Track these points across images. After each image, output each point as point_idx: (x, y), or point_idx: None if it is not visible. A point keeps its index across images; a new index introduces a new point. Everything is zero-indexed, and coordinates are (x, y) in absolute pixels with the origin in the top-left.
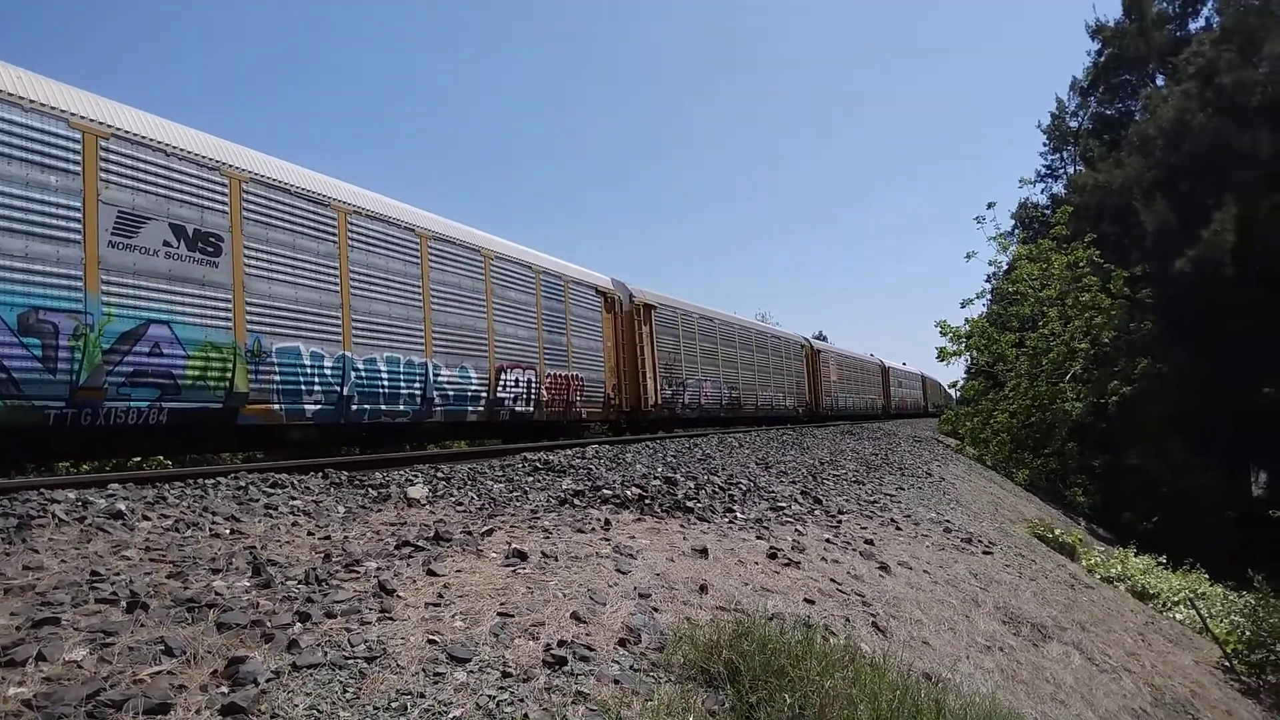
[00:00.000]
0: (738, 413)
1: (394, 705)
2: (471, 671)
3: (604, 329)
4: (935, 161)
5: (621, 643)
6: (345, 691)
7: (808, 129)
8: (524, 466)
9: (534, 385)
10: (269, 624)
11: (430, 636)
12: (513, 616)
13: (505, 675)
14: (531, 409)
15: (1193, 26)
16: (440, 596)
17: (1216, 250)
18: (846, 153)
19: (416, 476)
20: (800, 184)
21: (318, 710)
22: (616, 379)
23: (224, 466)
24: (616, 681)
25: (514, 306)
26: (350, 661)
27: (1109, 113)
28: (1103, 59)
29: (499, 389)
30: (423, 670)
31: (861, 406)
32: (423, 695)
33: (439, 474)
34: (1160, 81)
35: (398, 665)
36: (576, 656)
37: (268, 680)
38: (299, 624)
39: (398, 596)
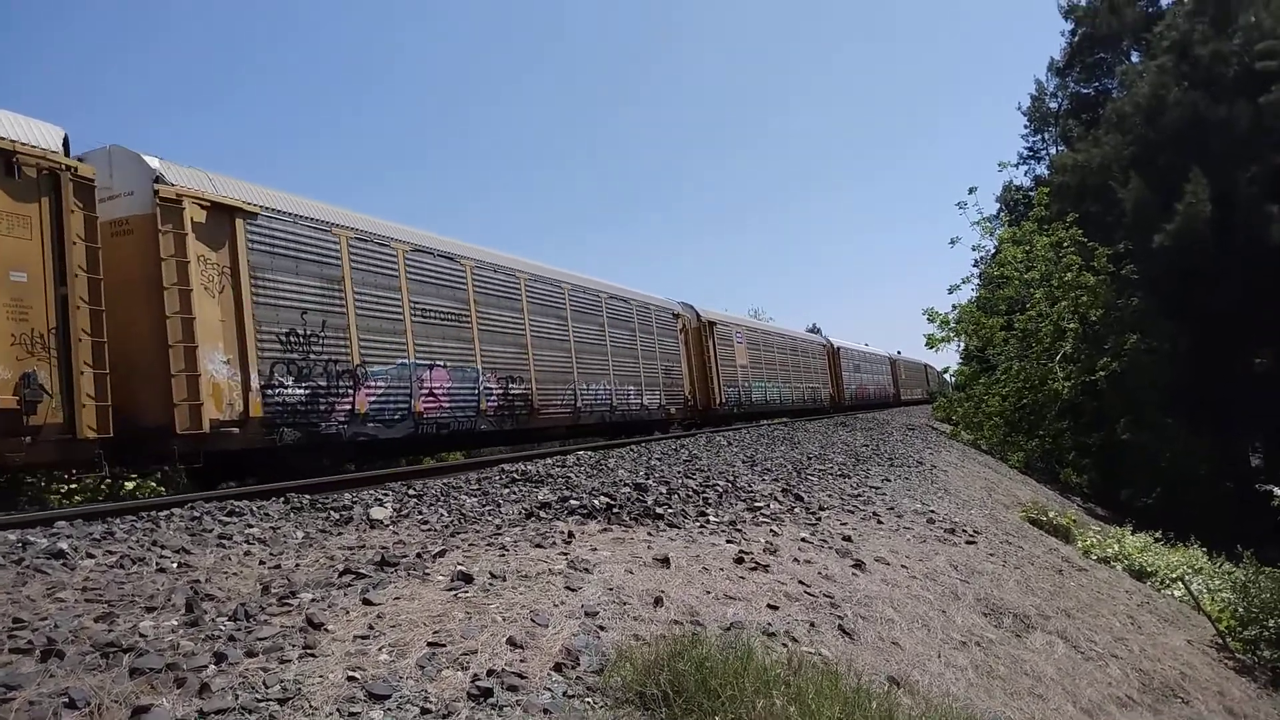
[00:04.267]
0: (529, 422)
1: None
2: (389, 710)
3: None
4: (904, 145)
5: (558, 667)
6: None
7: (751, 114)
8: (501, 478)
9: None
10: (184, 666)
11: (351, 673)
12: (444, 646)
13: (424, 711)
14: None
15: (1163, 1)
16: (371, 628)
17: (1194, 223)
18: (804, 136)
19: (386, 496)
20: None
21: None
22: (68, 362)
23: (180, 497)
24: (546, 710)
25: None
26: (261, 704)
27: (1086, 92)
28: (1076, 38)
29: None
30: (337, 710)
31: (795, 400)
32: None
33: (411, 491)
34: (1135, 58)
35: (310, 706)
36: (505, 686)
37: None
38: (214, 665)
39: (325, 630)
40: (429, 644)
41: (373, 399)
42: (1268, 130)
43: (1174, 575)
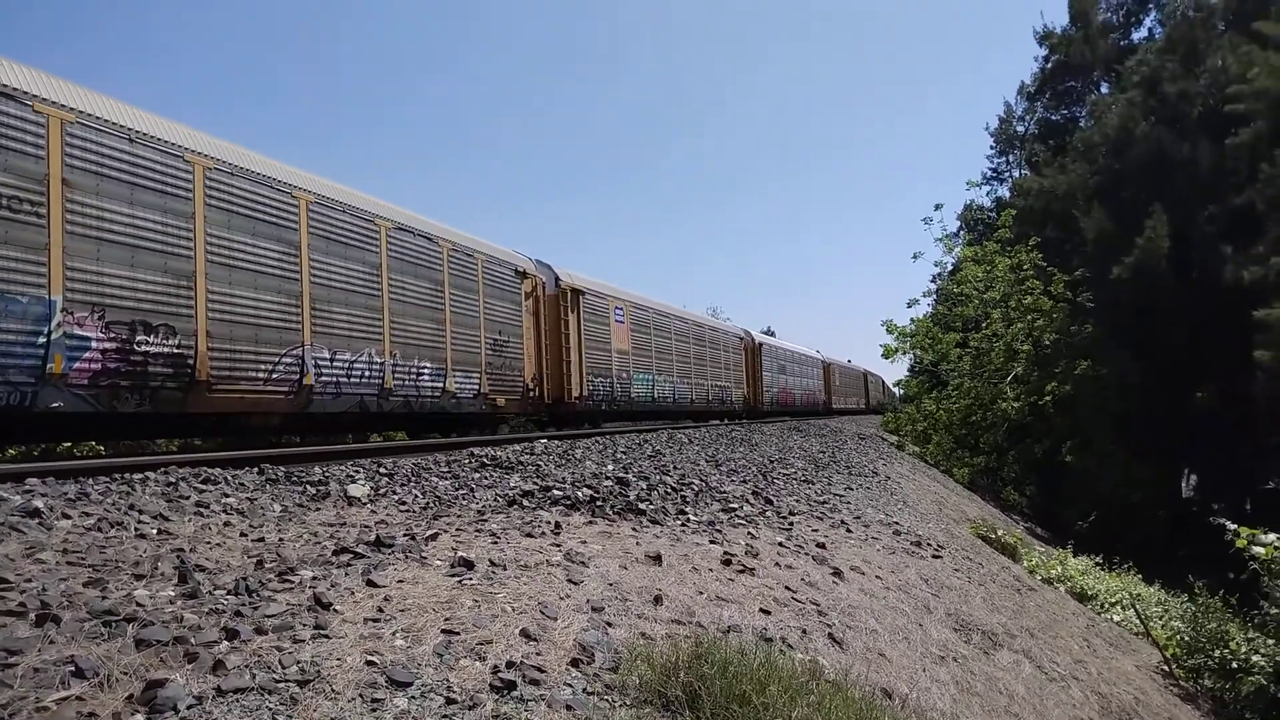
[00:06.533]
0: (189, 403)
1: None
2: (413, 698)
3: None
4: (861, 144)
5: (574, 663)
6: None
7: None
8: (471, 462)
9: None
10: (193, 641)
11: (369, 657)
12: (458, 634)
13: (449, 702)
14: None
15: (1136, 36)
16: (380, 611)
17: (1152, 258)
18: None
19: (358, 472)
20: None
21: None
22: None
23: (153, 459)
24: (569, 707)
25: None
26: (281, 685)
27: (1055, 118)
28: (1049, 65)
29: None
30: (360, 696)
31: (696, 399)
32: None
33: (381, 470)
34: (1105, 89)
35: (333, 690)
36: (526, 680)
37: (189, 707)
38: (226, 641)
39: (334, 610)
40: (443, 631)
41: None
42: (1229, 171)
43: (1114, 600)
